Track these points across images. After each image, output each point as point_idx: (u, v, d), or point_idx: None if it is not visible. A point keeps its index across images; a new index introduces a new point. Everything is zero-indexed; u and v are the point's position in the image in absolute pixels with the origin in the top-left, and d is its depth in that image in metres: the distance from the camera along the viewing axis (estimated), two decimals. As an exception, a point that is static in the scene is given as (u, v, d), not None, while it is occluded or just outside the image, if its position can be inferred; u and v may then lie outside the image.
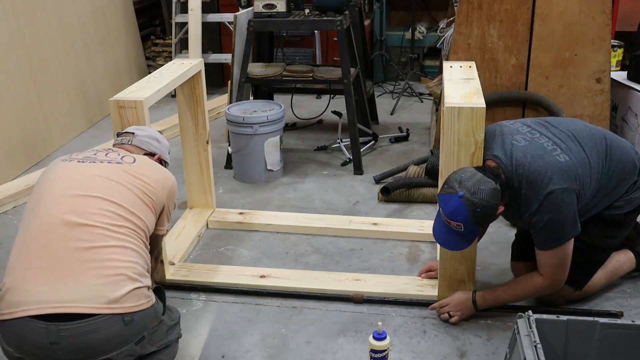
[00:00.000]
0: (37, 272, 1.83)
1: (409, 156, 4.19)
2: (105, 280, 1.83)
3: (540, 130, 2.36)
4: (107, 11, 5.35)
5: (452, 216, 2.17)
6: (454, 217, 2.16)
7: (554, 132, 2.35)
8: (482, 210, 2.14)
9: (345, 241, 3.14)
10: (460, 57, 3.61)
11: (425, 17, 6.33)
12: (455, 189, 2.15)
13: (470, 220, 2.15)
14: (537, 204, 2.21)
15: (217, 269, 2.85)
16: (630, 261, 2.64)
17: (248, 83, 4.12)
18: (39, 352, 1.80)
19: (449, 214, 2.18)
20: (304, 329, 2.48)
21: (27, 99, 4.22)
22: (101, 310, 1.79)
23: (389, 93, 5.76)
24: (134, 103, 2.45)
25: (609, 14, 3.42)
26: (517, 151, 2.26)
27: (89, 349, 1.80)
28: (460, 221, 2.16)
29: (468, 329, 2.44)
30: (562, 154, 2.25)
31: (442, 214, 2.22)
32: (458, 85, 2.52)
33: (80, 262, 1.84)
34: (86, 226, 1.89)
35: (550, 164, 2.22)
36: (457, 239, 2.24)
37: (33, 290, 1.81)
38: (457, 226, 2.18)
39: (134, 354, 1.88)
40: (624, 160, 2.38)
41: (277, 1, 3.93)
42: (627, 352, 1.87)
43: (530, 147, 2.27)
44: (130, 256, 1.91)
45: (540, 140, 2.31)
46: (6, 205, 3.57)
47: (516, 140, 2.31)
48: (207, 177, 3.29)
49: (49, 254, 1.85)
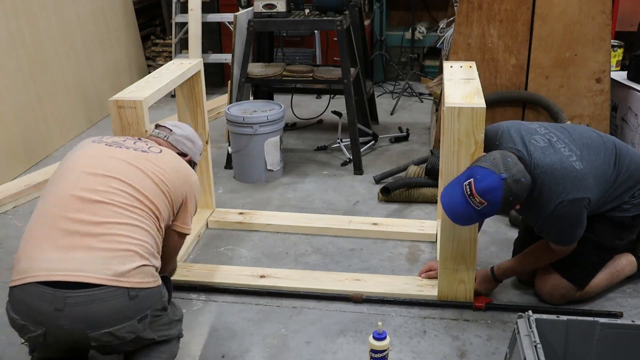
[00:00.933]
0: (48, 241, 1.89)
1: (409, 156, 4.19)
2: (114, 254, 1.87)
3: (557, 134, 2.35)
4: (107, 11, 5.35)
5: (483, 193, 2.08)
6: (485, 194, 2.08)
7: (570, 138, 2.35)
8: (514, 200, 2.11)
9: (345, 241, 3.14)
10: (460, 57, 3.61)
11: (425, 17, 6.33)
12: (501, 169, 2.09)
13: (499, 204, 2.10)
14: (547, 211, 2.22)
15: (217, 269, 2.85)
16: (631, 264, 2.64)
17: (248, 83, 4.12)
18: (44, 319, 1.84)
19: (481, 190, 2.08)
20: (304, 329, 2.48)
21: (27, 99, 4.22)
22: (107, 282, 1.83)
23: (389, 93, 5.76)
24: (134, 103, 2.45)
25: (609, 14, 3.42)
26: (537, 152, 2.25)
27: (92, 320, 1.83)
28: (488, 200, 2.08)
29: (468, 329, 2.44)
30: (577, 162, 2.25)
31: (472, 186, 2.09)
32: (458, 85, 2.52)
33: (92, 235, 1.89)
34: (101, 203, 1.95)
35: (568, 170, 2.21)
36: (469, 214, 2.15)
37: (43, 257, 1.86)
38: (479, 203, 2.09)
39: (135, 332, 1.91)
40: (632, 168, 2.40)
41: (277, 1, 3.93)
42: (627, 352, 1.87)
43: (549, 151, 2.27)
44: (141, 235, 1.96)
45: (558, 145, 2.30)
46: (6, 205, 3.57)
47: (535, 140, 2.30)
48: (206, 177, 3.29)
49: (61, 225, 1.91)
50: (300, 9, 4.19)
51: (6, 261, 3.01)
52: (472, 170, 2.15)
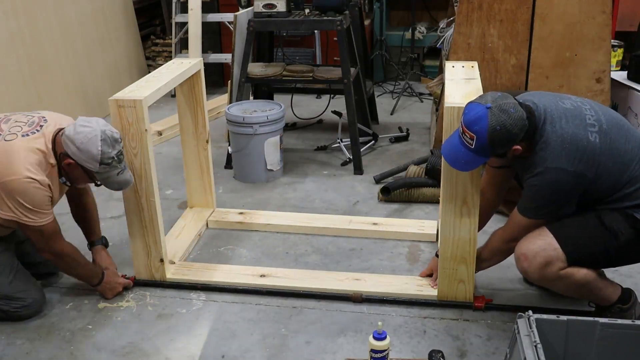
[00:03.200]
0: None
1: (409, 156, 4.19)
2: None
3: (592, 105, 2.25)
4: (107, 11, 5.35)
5: (470, 124, 2.09)
6: (472, 125, 2.08)
7: (605, 113, 2.23)
8: (502, 130, 2.06)
9: (345, 241, 3.14)
10: (460, 57, 3.60)
11: (425, 17, 6.33)
12: (486, 100, 2.09)
13: (486, 135, 2.07)
14: (539, 168, 2.13)
15: (217, 269, 2.85)
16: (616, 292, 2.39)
17: (248, 83, 4.12)
18: None
19: (467, 121, 2.10)
20: (304, 329, 2.48)
21: (27, 99, 4.22)
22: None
23: (389, 93, 5.76)
24: (133, 102, 2.45)
25: (609, 14, 3.42)
26: (557, 110, 2.17)
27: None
28: (475, 132, 2.08)
29: (468, 329, 2.44)
30: (595, 134, 2.13)
31: (461, 122, 2.13)
32: (459, 85, 2.52)
33: None
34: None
35: (576, 138, 2.11)
36: (463, 153, 2.15)
37: None
38: (469, 138, 2.10)
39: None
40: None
41: (277, 1, 3.93)
42: (627, 352, 1.87)
43: (570, 113, 2.17)
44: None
45: (586, 112, 2.20)
46: (6, 205, 3.56)
47: (563, 102, 2.22)
48: (207, 177, 3.29)
49: None
50: (300, 8, 4.19)
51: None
52: (465, 108, 2.16)
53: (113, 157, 2.36)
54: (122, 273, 2.78)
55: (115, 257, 2.89)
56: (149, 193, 2.60)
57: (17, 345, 2.41)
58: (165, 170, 4.04)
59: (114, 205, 3.57)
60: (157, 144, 4.53)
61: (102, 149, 2.33)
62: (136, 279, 2.77)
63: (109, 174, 2.39)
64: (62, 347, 2.40)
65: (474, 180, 2.35)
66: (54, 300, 2.70)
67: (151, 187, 2.59)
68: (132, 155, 2.53)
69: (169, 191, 3.78)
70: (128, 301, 2.67)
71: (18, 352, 2.37)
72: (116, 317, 2.57)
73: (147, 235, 2.67)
